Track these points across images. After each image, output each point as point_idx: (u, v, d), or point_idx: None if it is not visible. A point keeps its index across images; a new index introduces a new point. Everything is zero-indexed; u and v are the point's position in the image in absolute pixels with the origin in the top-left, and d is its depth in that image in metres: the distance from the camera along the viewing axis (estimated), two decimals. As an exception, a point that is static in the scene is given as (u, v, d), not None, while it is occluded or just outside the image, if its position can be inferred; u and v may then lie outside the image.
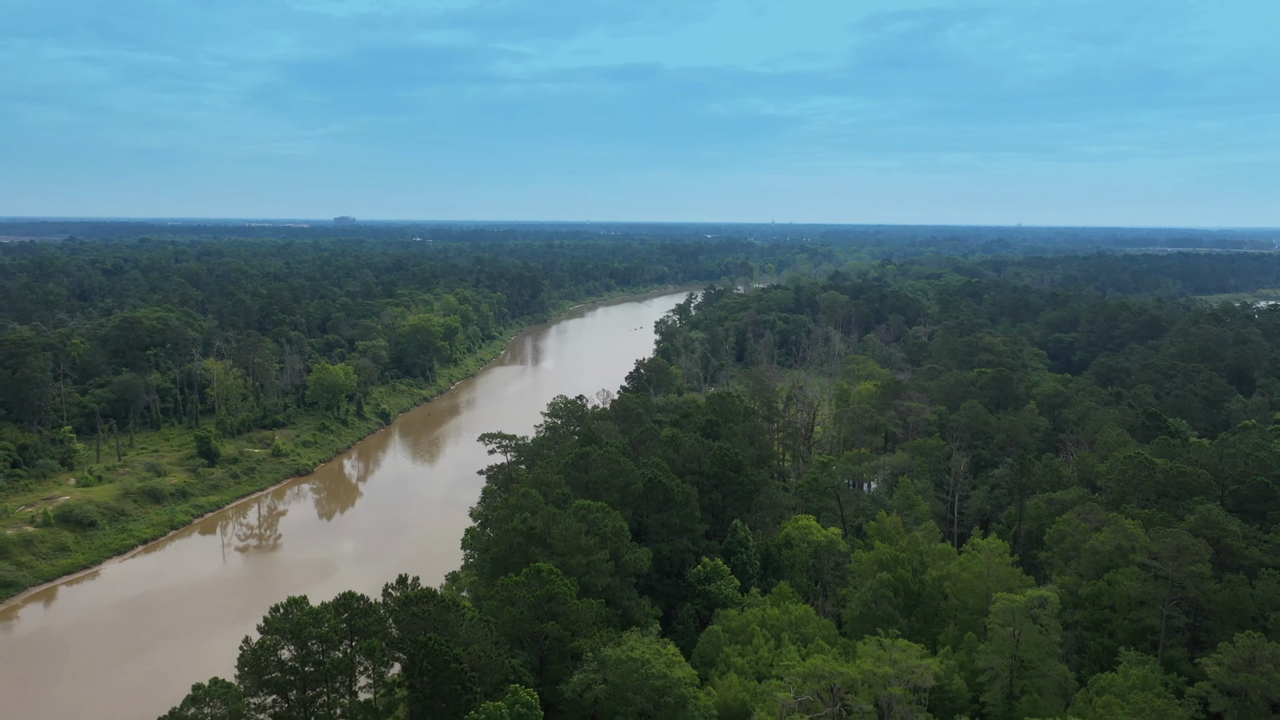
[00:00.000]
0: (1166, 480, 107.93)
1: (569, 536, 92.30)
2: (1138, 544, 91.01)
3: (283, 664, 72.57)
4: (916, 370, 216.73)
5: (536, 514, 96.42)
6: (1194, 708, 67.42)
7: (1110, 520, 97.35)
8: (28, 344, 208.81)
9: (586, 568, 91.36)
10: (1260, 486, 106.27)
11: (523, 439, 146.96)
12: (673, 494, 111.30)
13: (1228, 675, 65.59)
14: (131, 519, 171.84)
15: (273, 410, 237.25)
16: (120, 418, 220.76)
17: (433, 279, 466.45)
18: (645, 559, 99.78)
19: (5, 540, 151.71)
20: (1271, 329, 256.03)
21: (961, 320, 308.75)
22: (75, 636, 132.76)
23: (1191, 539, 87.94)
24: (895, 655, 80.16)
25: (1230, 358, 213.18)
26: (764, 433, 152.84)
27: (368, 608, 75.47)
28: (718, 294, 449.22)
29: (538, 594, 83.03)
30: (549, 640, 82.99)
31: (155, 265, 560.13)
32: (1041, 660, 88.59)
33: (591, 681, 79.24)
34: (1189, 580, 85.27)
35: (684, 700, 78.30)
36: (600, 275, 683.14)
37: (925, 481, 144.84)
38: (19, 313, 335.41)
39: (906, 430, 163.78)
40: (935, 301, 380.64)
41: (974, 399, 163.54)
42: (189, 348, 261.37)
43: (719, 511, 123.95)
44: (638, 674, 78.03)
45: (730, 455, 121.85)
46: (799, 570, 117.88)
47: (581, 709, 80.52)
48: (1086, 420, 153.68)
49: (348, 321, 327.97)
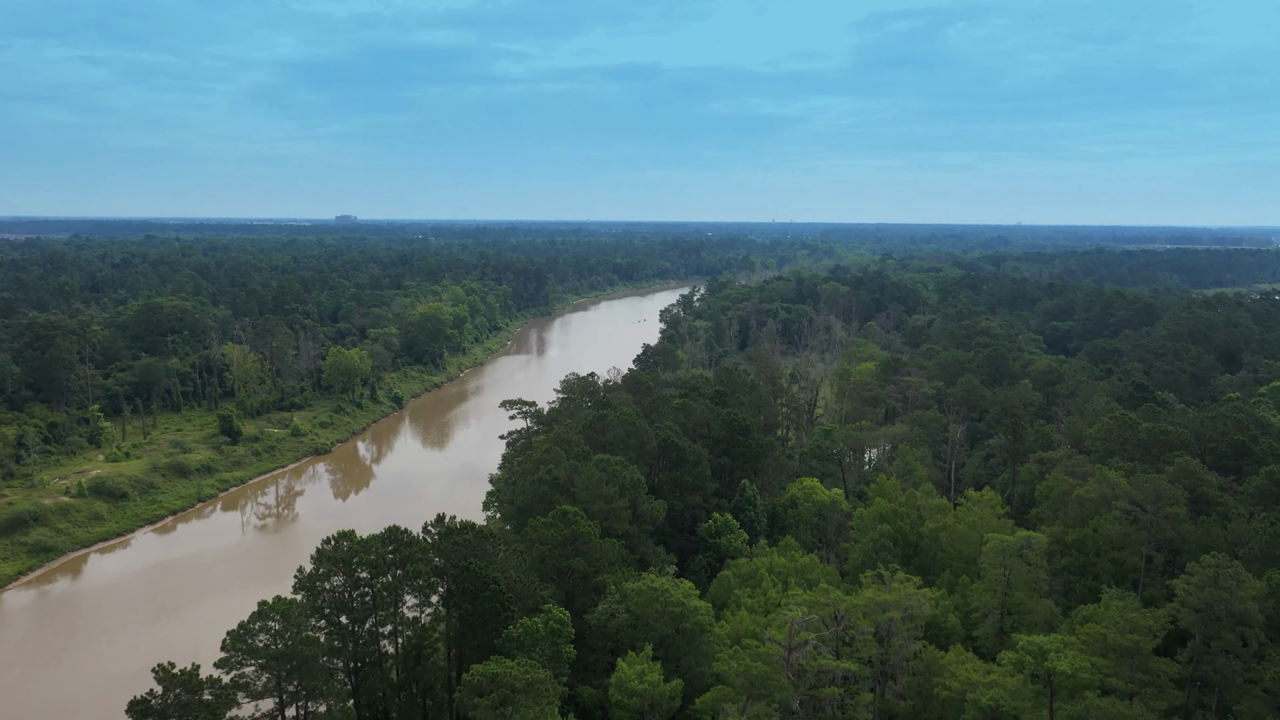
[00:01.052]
0: (1149, 439, 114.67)
1: (591, 485, 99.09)
2: (1119, 491, 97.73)
3: (334, 590, 79.38)
4: (915, 351, 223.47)
5: (560, 466, 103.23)
6: (1165, 620, 74.01)
7: (1095, 472, 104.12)
8: (55, 327, 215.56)
9: (607, 514, 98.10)
10: (1237, 445, 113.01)
11: (540, 408, 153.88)
12: (685, 454, 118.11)
13: (1195, 592, 72.29)
14: (160, 491, 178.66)
15: (290, 393, 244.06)
16: (142, 400, 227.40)
17: (439, 272, 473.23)
18: (661, 510, 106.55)
19: (44, 509, 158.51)
20: (1262, 314, 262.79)
21: (960, 309, 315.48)
22: (114, 595, 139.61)
23: (1169, 485, 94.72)
24: (895, 586, 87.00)
25: (1220, 340, 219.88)
26: (769, 403, 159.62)
27: (411, 539, 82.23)
28: (721, 285, 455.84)
29: (564, 533, 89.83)
30: (575, 575, 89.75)
31: (164, 259, 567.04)
32: (1030, 597, 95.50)
33: (615, 611, 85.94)
34: (1166, 522, 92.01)
35: (701, 626, 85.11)
36: (603, 270, 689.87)
37: (923, 450, 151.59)
38: (36, 303, 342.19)
39: (905, 405, 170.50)
40: (934, 292, 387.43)
41: (971, 374, 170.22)
42: (206, 334, 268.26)
43: (728, 474, 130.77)
44: (658, 602, 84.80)
45: (738, 420, 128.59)
46: (804, 528, 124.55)
47: (606, 636, 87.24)
48: (1078, 393, 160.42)
49: (358, 310, 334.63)
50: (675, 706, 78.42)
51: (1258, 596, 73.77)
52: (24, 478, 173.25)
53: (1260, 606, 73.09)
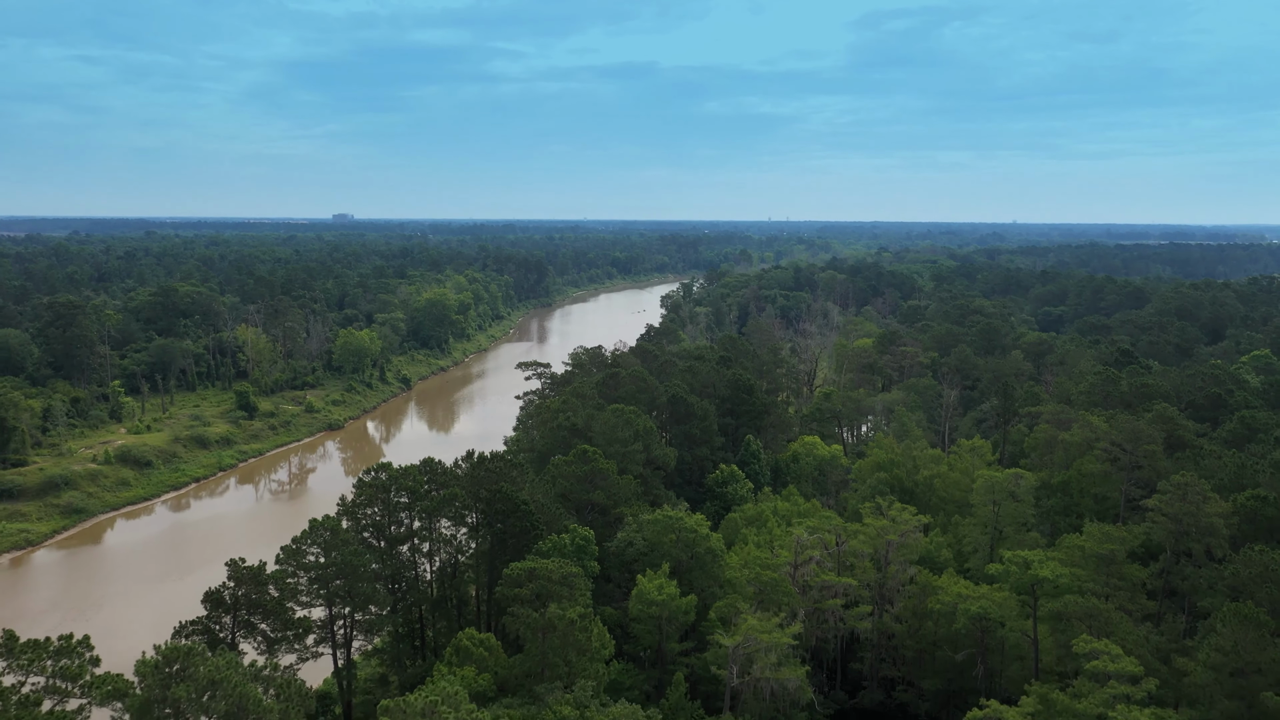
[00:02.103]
0: (1131, 392, 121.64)
1: (607, 430, 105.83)
2: (1100, 434, 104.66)
3: (373, 515, 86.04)
4: (911, 328, 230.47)
5: (577, 413, 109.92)
6: (1139, 535, 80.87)
7: (1079, 418, 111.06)
8: (76, 306, 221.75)
9: (623, 456, 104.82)
10: (1214, 396, 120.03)
11: (554, 370, 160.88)
12: (693, 408, 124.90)
13: (1165, 506, 79.17)
14: (183, 461, 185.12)
15: (302, 372, 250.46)
16: (161, 379, 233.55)
17: (441, 263, 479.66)
18: (671, 456, 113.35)
19: (74, 474, 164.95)
20: (1248, 295, 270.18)
21: (955, 293, 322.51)
22: (147, 551, 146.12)
23: (1148, 427, 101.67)
24: (892, 514, 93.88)
25: (1206, 317, 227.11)
26: (771, 370, 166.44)
27: (445, 469, 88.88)
28: (720, 275, 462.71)
29: (584, 470, 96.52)
30: (594, 508, 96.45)
31: (167, 252, 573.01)
32: (1017, 532, 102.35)
33: (633, 539, 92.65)
34: (1144, 459, 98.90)
35: (713, 552, 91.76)
36: (602, 264, 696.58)
37: (919, 415, 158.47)
38: (47, 291, 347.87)
39: (901, 374, 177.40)
40: (930, 280, 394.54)
41: (964, 345, 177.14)
42: (218, 319, 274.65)
43: (733, 432, 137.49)
44: (672, 530, 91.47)
45: (743, 379, 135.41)
46: (805, 481, 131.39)
47: (624, 563, 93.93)
48: (1066, 362, 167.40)
49: (364, 297, 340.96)
50: (690, 620, 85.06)
51: (1223, 514, 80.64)
52: (51, 447, 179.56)
53: (1225, 523, 79.96)
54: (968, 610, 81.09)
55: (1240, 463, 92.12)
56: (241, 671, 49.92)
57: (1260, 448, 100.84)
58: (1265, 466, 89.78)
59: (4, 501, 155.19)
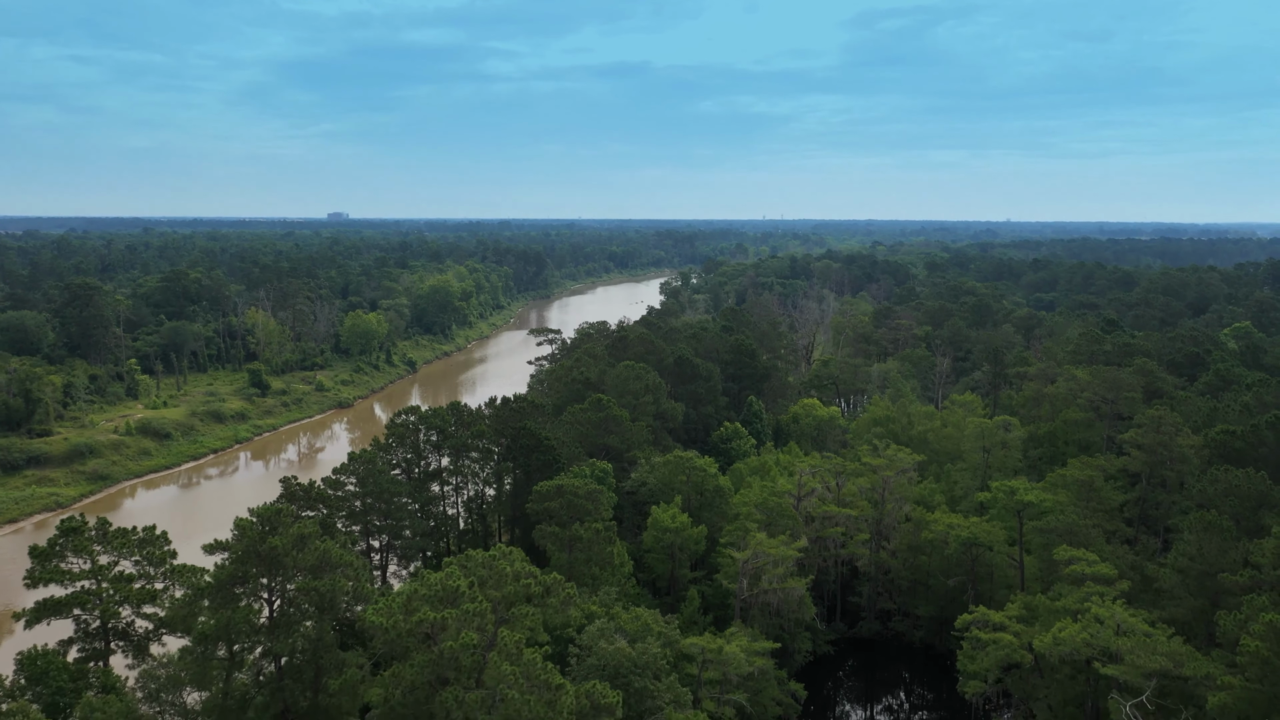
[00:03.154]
0: (1114, 351, 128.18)
1: (619, 383, 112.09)
2: (1083, 385, 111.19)
3: (405, 453, 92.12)
4: (906, 306, 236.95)
5: (590, 369, 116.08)
6: (1117, 464, 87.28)
7: (1064, 372, 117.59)
8: (93, 286, 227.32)
9: (634, 407, 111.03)
10: (1193, 355, 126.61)
11: (565, 337, 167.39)
12: (698, 369, 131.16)
13: (1141, 436, 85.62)
14: (201, 434, 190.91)
15: (311, 354, 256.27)
16: (170, 361, 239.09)
17: (441, 255, 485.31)
18: (679, 411, 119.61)
19: (98, 444, 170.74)
20: (1233, 278, 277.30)
21: (948, 279, 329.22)
22: (170, 514, 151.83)
23: (1129, 377, 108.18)
24: (888, 455, 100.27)
25: (1192, 297, 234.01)
26: (771, 339, 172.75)
27: (472, 411, 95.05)
28: (717, 264, 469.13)
29: (599, 416, 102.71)
30: (609, 451, 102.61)
31: (170, 246, 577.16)
32: (1006, 476, 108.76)
33: (645, 479, 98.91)
34: (1124, 404, 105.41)
35: (722, 491, 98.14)
36: (599, 258, 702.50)
37: (913, 383, 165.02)
38: (55, 280, 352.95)
39: (896, 346, 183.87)
40: (924, 269, 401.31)
41: (957, 318, 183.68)
42: (226, 304, 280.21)
43: (735, 396, 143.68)
44: (682, 470, 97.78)
45: (745, 344, 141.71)
46: (805, 439, 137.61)
47: (636, 503, 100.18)
48: (1055, 333, 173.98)
49: (368, 284, 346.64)
50: (701, 550, 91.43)
51: (1194, 446, 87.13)
52: (73, 419, 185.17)
53: (1196, 454, 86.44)
54: (959, 536, 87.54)
55: (1213, 406, 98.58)
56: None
57: (1233, 395, 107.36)
58: (1235, 408, 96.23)
59: (32, 468, 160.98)
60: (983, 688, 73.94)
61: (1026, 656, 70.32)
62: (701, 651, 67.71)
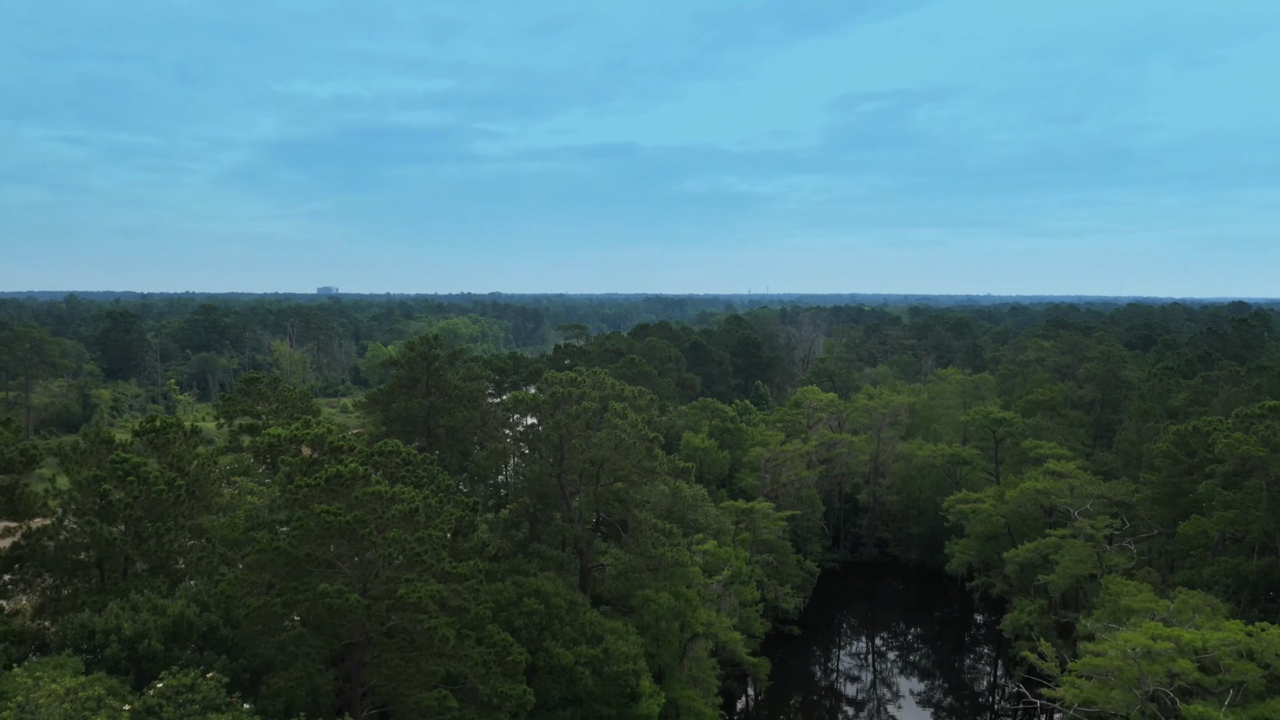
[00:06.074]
0: (1075, 330, 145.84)
1: (646, 350, 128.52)
2: (1047, 351, 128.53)
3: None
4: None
5: (620, 341, 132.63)
6: (1076, 391, 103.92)
7: (1031, 344, 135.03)
8: (133, 315, 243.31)
9: (661, 371, 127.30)
10: (1145, 336, 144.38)
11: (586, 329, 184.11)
12: (711, 354, 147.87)
13: (1093, 368, 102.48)
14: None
15: (333, 382, 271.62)
16: (203, 385, 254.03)
17: (444, 309, 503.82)
18: (698, 381, 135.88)
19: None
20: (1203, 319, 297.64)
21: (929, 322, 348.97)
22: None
23: (1086, 340, 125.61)
24: (884, 398, 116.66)
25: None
26: (772, 341, 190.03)
27: (520, 356, 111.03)
28: (708, 316, 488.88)
29: (631, 373, 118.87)
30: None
31: (172, 308, 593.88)
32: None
33: (674, 422, 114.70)
34: (1084, 365, 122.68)
35: (741, 429, 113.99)
36: (593, 320, 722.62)
37: (901, 383, 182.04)
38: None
39: (886, 354, 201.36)
40: (907, 317, 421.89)
41: (940, 329, 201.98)
42: (250, 341, 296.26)
43: (743, 386, 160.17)
44: (707, 411, 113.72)
45: (751, 337, 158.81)
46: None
47: (666, 443, 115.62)
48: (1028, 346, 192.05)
49: (379, 329, 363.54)
50: (725, 471, 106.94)
51: (1139, 376, 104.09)
52: (122, 427, 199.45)
53: (1139, 380, 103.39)
54: (943, 453, 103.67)
55: (1157, 359, 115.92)
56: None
57: (1174, 356, 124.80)
58: (1176, 359, 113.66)
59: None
60: (967, 557, 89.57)
61: (1000, 523, 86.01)
62: (735, 511, 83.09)
